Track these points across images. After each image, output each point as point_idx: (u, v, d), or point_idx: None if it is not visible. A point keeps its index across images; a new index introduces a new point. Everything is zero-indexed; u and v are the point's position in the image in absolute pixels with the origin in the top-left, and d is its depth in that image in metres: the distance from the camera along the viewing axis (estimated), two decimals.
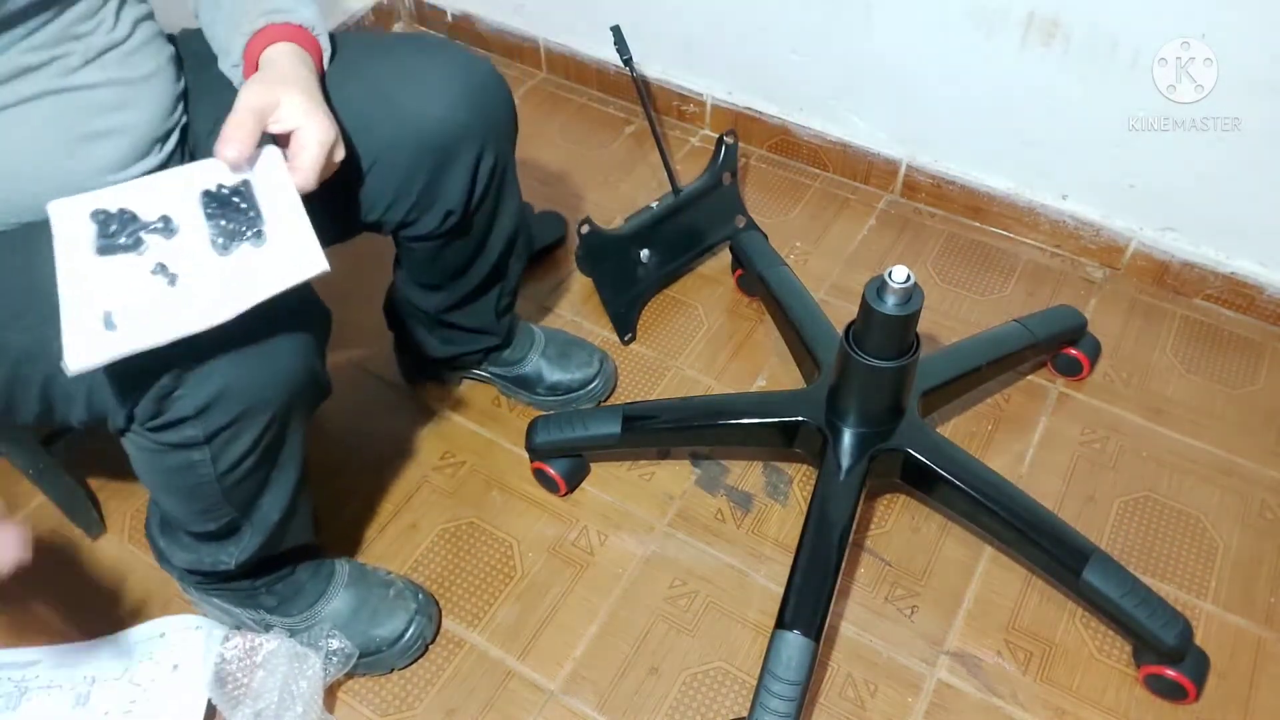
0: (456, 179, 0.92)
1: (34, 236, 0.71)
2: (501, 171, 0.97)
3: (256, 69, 0.80)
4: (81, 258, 0.68)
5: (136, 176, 0.82)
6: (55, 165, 0.77)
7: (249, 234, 0.71)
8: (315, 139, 0.74)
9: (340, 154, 0.77)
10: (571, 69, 1.75)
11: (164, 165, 0.86)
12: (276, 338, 0.74)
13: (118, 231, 0.70)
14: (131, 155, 0.81)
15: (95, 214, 0.71)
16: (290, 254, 0.70)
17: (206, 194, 0.73)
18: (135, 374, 0.71)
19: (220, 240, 0.70)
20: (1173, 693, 0.99)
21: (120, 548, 1.13)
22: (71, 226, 0.70)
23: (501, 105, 0.94)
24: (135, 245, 0.70)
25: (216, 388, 0.73)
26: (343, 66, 0.89)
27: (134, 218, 0.71)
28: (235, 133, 0.72)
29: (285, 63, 0.79)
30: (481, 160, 0.93)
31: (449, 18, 1.84)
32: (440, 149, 0.90)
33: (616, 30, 1.38)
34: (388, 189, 0.91)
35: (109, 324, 0.64)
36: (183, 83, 0.89)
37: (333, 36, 0.91)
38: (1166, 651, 0.96)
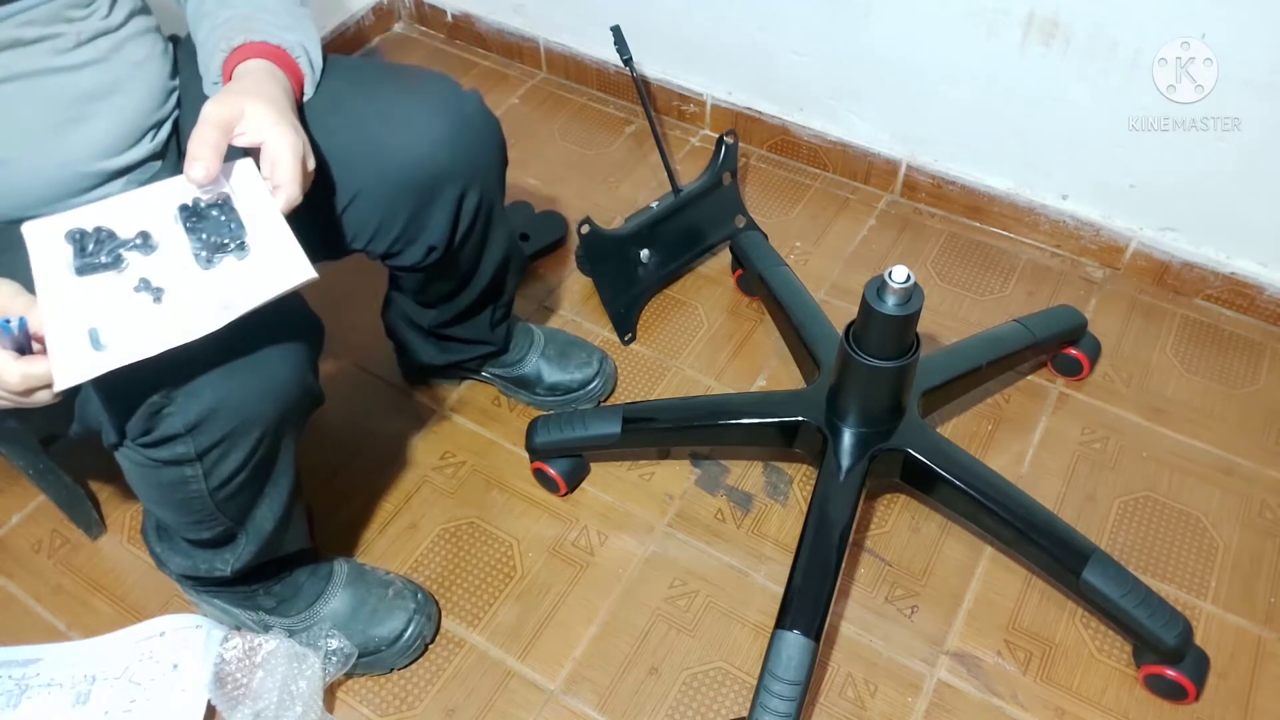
0: (438, 217, 0.92)
1: (17, 238, 0.70)
2: (488, 209, 0.97)
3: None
4: (60, 279, 0.67)
5: (128, 163, 0.82)
6: (44, 146, 0.77)
7: (231, 246, 0.70)
8: (287, 150, 0.72)
9: (312, 163, 0.76)
10: (571, 69, 1.75)
11: (157, 155, 0.86)
12: (267, 352, 0.74)
13: (96, 250, 0.69)
14: (121, 141, 0.81)
15: (71, 234, 0.70)
16: (276, 263, 0.69)
17: (184, 208, 0.72)
18: (124, 390, 0.71)
19: (203, 254, 0.69)
20: (1173, 693, 0.99)
21: (120, 548, 1.13)
22: (47, 248, 0.69)
23: (487, 144, 0.94)
24: (116, 263, 0.69)
25: (207, 404, 0.72)
26: (326, 99, 0.88)
27: (111, 235, 0.70)
28: (200, 150, 0.70)
29: (254, 77, 0.78)
30: (465, 199, 0.93)
31: (449, 17, 1.84)
32: (420, 188, 0.89)
33: (616, 30, 1.38)
34: (370, 222, 0.91)
35: (96, 342, 0.64)
36: (177, 79, 0.89)
37: (325, 59, 0.90)
38: (1166, 651, 0.96)
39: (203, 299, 0.67)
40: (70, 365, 0.62)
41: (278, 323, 0.74)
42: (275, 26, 0.82)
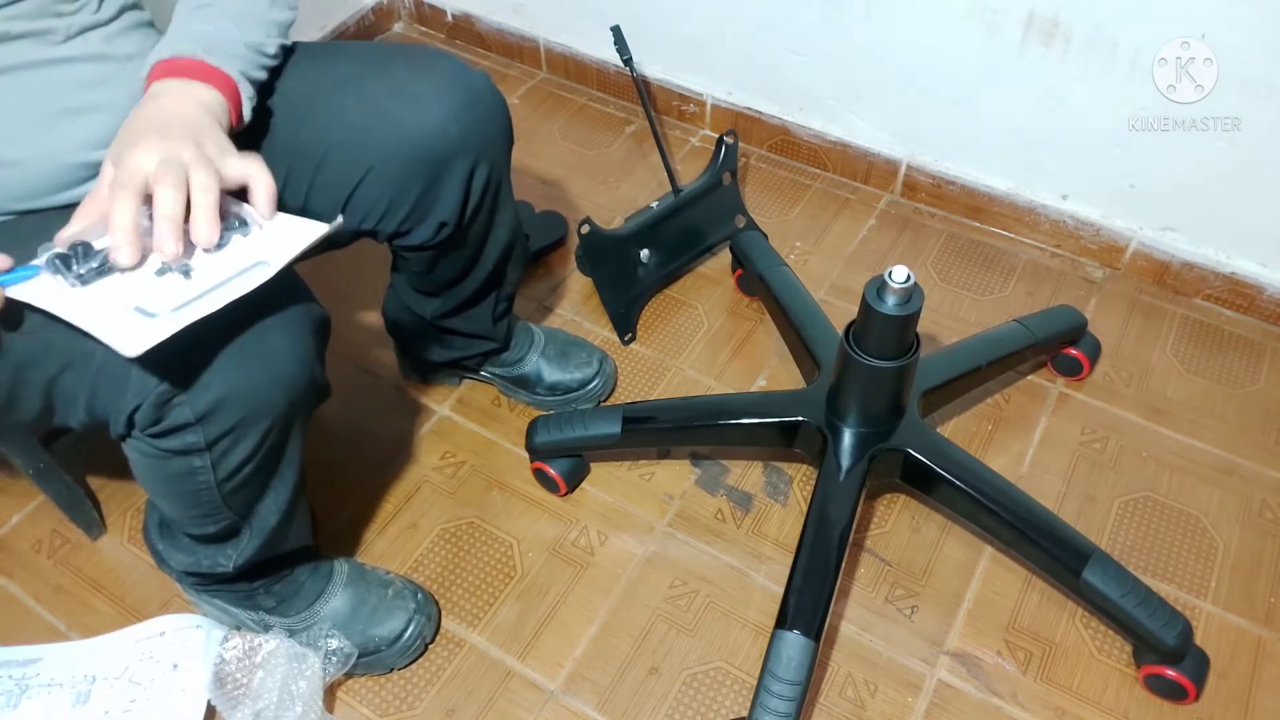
0: (450, 192, 0.92)
1: (23, 236, 0.70)
2: (496, 185, 0.97)
3: None
4: (68, 295, 0.65)
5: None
6: (36, 138, 0.77)
7: (235, 224, 0.70)
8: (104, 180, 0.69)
9: (203, 173, 0.69)
10: (571, 69, 1.75)
11: None
12: (276, 343, 0.74)
13: (85, 263, 0.66)
14: (115, 133, 0.81)
15: (50, 261, 0.66)
16: (288, 226, 0.69)
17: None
18: (136, 379, 0.71)
19: None
20: (1173, 693, 0.99)
21: (120, 548, 1.13)
22: (33, 283, 0.66)
23: (496, 119, 0.94)
24: (116, 267, 0.67)
25: (217, 394, 0.72)
26: (337, 79, 0.88)
27: (89, 247, 0.67)
28: (119, 237, 0.66)
29: (149, 103, 0.74)
30: (475, 174, 0.93)
31: (449, 17, 1.84)
32: (433, 162, 0.90)
33: (616, 30, 1.38)
34: (381, 199, 0.91)
35: (146, 313, 0.63)
36: None
37: (327, 43, 0.89)
38: (1166, 651, 0.96)
39: (237, 263, 0.67)
40: (133, 337, 0.61)
41: (286, 314, 0.75)
42: (210, 34, 0.79)
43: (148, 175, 0.67)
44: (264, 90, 0.86)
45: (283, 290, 0.74)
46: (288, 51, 0.89)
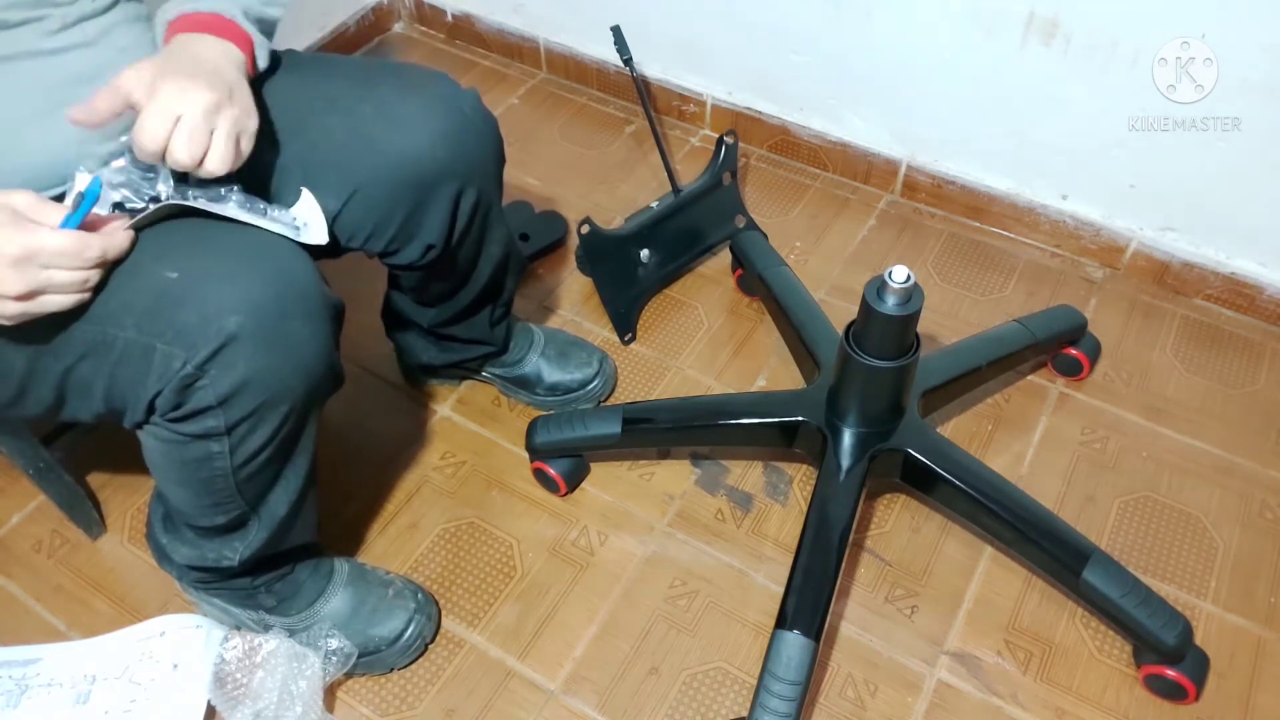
0: (435, 215, 0.93)
1: None
2: (486, 207, 0.98)
3: None
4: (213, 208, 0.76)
5: (121, 149, 0.82)
6: (30, 130, 0.77)
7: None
8: (159, 100, 0.72)
9: (247, 141, 0.77)
10: (571, 69, 1.75)
11: None
12: (295, 329, 0.75)
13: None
14: (112, 127, 0.81)
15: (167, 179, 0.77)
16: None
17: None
18: (159, 364, 0.71)
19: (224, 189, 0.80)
20: (1173, 693, 0.99)
21: (120, 548, 1.13)
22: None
23: (485, 142, 0.94)
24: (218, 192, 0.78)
25: (240, 376, 0.73)
26: (324, 97, 0.89)
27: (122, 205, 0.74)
28: (96, 99, 0.72)
29: (181, 45, 0.78)
30: (462, 198, 0.93)
31: (449, 17, 1.84)
32: (419, 186, 0.90)
33: (616, 30, 1.38)
34: (367, 221, 0.92)
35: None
36: None
37: (320, 56, 0.90)
38: (1166, 651, 0.96)
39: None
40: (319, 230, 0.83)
41: (306, 300, 0.76)
42: None
43: (168, 137, 0.72)
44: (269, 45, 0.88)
45: (303, 278, 0.76)
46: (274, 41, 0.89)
